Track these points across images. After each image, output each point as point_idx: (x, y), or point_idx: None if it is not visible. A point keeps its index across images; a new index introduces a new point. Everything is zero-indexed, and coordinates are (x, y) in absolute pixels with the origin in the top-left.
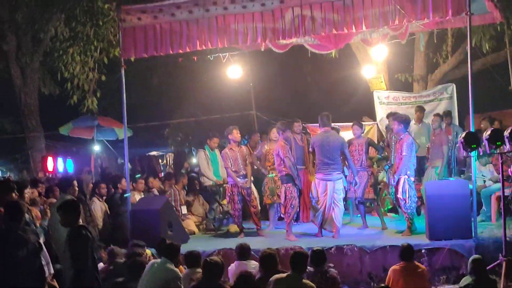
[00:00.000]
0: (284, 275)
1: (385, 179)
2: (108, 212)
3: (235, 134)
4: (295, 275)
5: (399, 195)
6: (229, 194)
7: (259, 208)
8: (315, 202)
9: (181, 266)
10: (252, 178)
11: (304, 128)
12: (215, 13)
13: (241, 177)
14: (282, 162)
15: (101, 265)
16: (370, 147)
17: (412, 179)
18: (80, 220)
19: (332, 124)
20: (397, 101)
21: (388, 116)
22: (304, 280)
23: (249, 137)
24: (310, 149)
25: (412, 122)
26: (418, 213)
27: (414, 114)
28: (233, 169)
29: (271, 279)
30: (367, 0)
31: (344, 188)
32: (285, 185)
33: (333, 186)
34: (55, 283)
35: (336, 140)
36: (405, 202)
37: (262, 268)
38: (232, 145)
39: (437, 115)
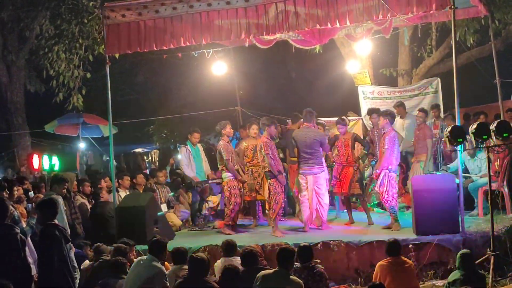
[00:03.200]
0: (271, 271)
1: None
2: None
3: (228, 129)
4: (283, 271)
5: (376, 188)
6: (228, 188)
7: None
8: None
9: (166, 263)
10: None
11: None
12: (199, 9)
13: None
14: (264, 158)
15: (87, 262)
16: (356, 142)
17: (394, 174)
18: (56, 220)
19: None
20: (382, 96)
21: (368, 112)
22: (291, 276)
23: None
24: (293, 143)
25: (398, 118)
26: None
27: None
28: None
29: (258, 275)
30: None
31: (328, 181)
32: (268, 181)
33: (313, 180)
34: None
35: (315, 135)
36: (383, 195)
37: (243, 265)
38: (226, 139)
39: (422, 110)
